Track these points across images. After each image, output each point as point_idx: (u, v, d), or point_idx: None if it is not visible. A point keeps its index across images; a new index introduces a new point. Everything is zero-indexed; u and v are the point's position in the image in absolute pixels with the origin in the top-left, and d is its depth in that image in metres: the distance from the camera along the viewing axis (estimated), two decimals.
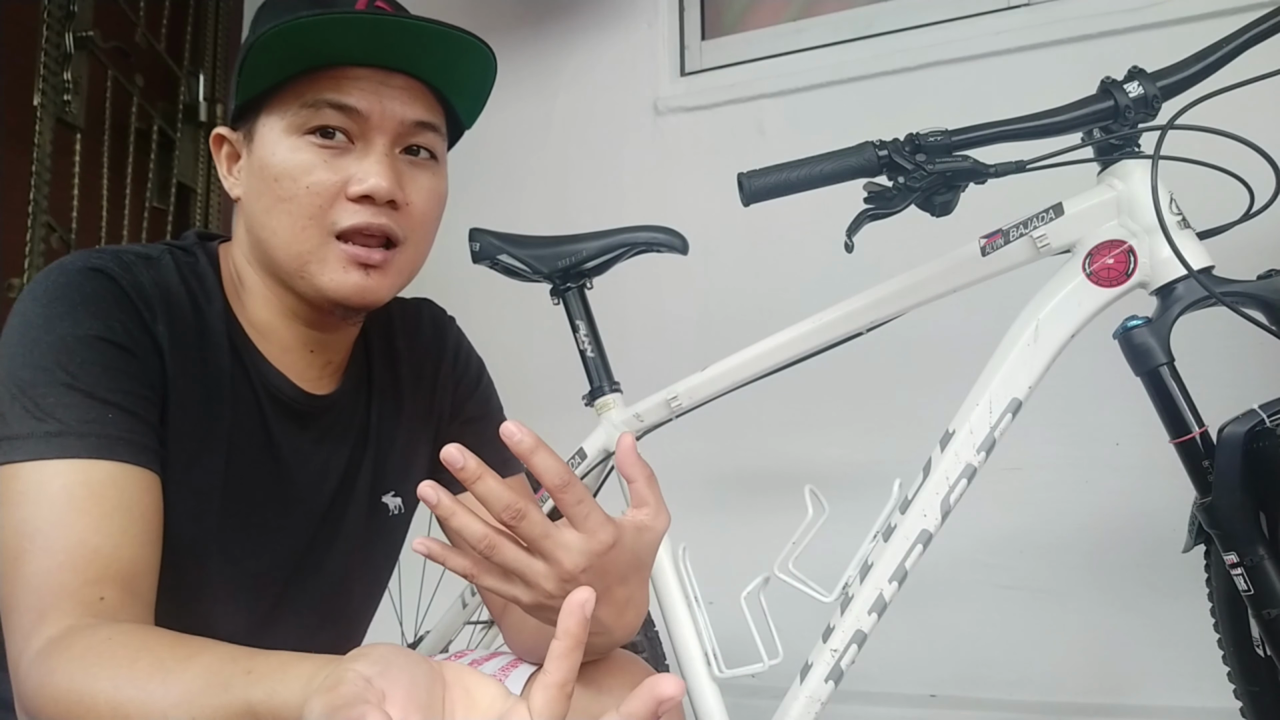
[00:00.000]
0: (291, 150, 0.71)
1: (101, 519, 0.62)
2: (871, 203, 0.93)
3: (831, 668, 0.98)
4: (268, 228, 0.72)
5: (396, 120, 0.72)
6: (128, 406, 0.66)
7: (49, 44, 1.82)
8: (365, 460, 0.85)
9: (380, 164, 0.71)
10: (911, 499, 0.99)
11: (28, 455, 0.62)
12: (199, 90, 2.38)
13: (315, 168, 0.70)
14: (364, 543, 0.86)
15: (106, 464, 0.63)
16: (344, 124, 0.71)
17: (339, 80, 0.71)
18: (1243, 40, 0.89)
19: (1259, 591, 0.83)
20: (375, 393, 0.86)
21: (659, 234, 1.27)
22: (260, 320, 0.77)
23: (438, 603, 1.45)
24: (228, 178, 0.78)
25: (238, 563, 0.75)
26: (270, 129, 0.72)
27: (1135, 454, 1.59)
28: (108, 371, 0.65)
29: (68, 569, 0.60)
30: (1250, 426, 0.83)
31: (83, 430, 0.63)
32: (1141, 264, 0.91)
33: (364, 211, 0.71)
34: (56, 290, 0.67)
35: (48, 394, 0.63)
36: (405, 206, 0.73)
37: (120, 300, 0.68)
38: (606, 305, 1.34)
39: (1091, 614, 1.63)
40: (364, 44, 0.70)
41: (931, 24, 1.90)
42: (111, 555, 0.62)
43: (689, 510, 1.40)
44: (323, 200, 0.70)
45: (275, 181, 0.71)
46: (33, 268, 1.79)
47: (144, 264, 0.71)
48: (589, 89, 2.13)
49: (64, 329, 0.65)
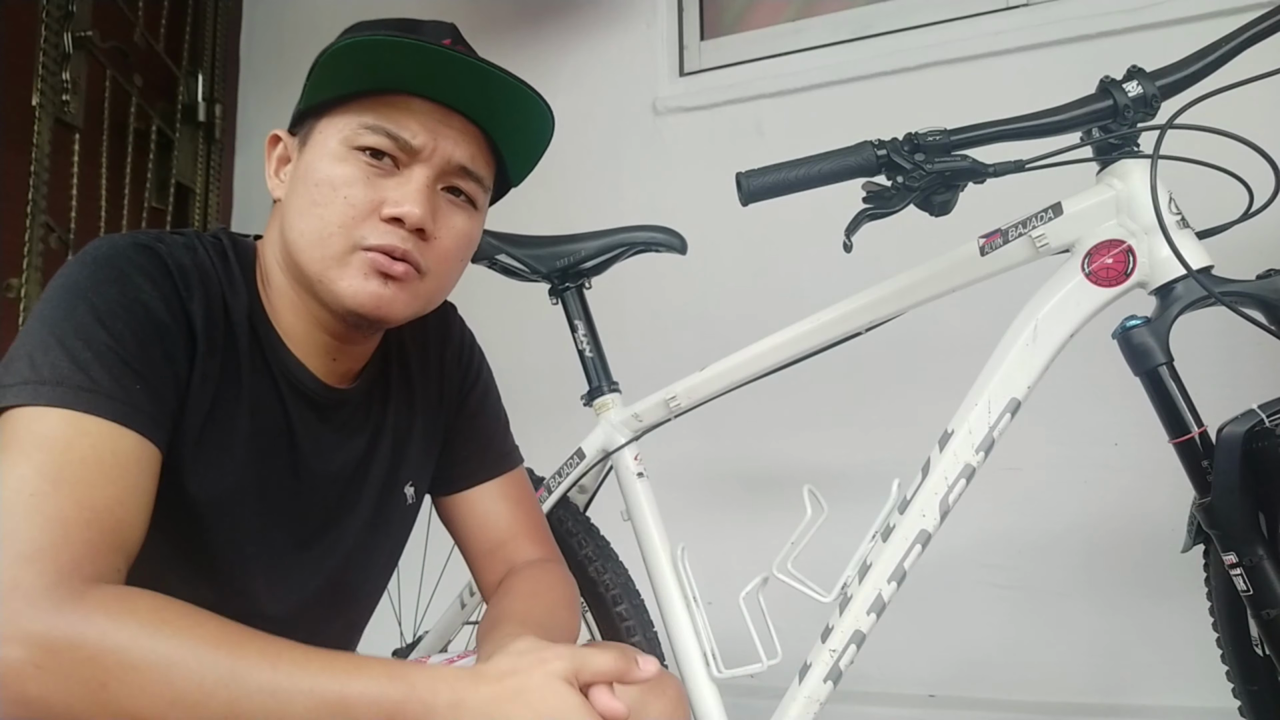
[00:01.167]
0: (338, 161, 0.73)
1: (125, 492, 0.63)
2: (870, 202, 0.92)
3: (830, 668, 0.98)
4: (296, 229, 0.74)
5: (445, 158, 0.75)
6: (154, 382, 0.67)
7: (47, 44, 1.82)
8: (380, 452, 0.87)
9: (419, 193, 0.73)
10: (910, 499, 0.99)
11: (58, 402, 0.62)
12: (197, 90, 2.38)
13: (356, 182, 0.72)
14: (377, 530, 0.88)
15: (130, 434, 0.64)
16: (394, 151, 0.73)
17: (401, 110, 0.73)
18: (1242, 40, 0.89)
19: (1258, 591, 0.83)
20: (391, 389, 0.88)
21: (658, 234, 1.27)
22: (286, 323, 0.79)
23: (436, 603, 1.45)
24: (273, 178, 0.80)
25: (249, 544, 0.77)
26: (325, 138, 0.74)
27: (1135, 454, 1.59)
28: (143, 343, 0.67)
29: (95, 528, 0.60)
30: (1249, 426, 0.83)
31: (113, 393, 0.64)
32: (1140, 263, 0.91)
33: (392, 234, 0.73)
34: (105, 259, 0.68)
35: (85, 349, 0.64)
36: (433, 240, 0.75)
37: (165, 276, 0.70)
38: (605, 305, 1.34)
39: (1091, 614, 1.63)
40: (432, 77, 0.72)
41: (931, 24, 1.90)
42: (129, 531, 0.63)
43: (688, 510, 1.40)
44: (356, 214, 0.72)
45: (315, 187, 0.73)
46: (31, 268, 1.79)
47: (184, 248, 0.74)
48: (588, 89, 2.13)
49: (111, 293, 0.67)
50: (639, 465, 1.23)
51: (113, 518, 0.61)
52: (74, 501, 0.59)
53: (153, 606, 0.58)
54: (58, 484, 0.59)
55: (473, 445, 0.95)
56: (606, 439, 1.25)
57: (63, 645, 0.55)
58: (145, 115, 2.18)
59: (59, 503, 0.59)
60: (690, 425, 1.26)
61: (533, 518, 0.96)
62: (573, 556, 1.28)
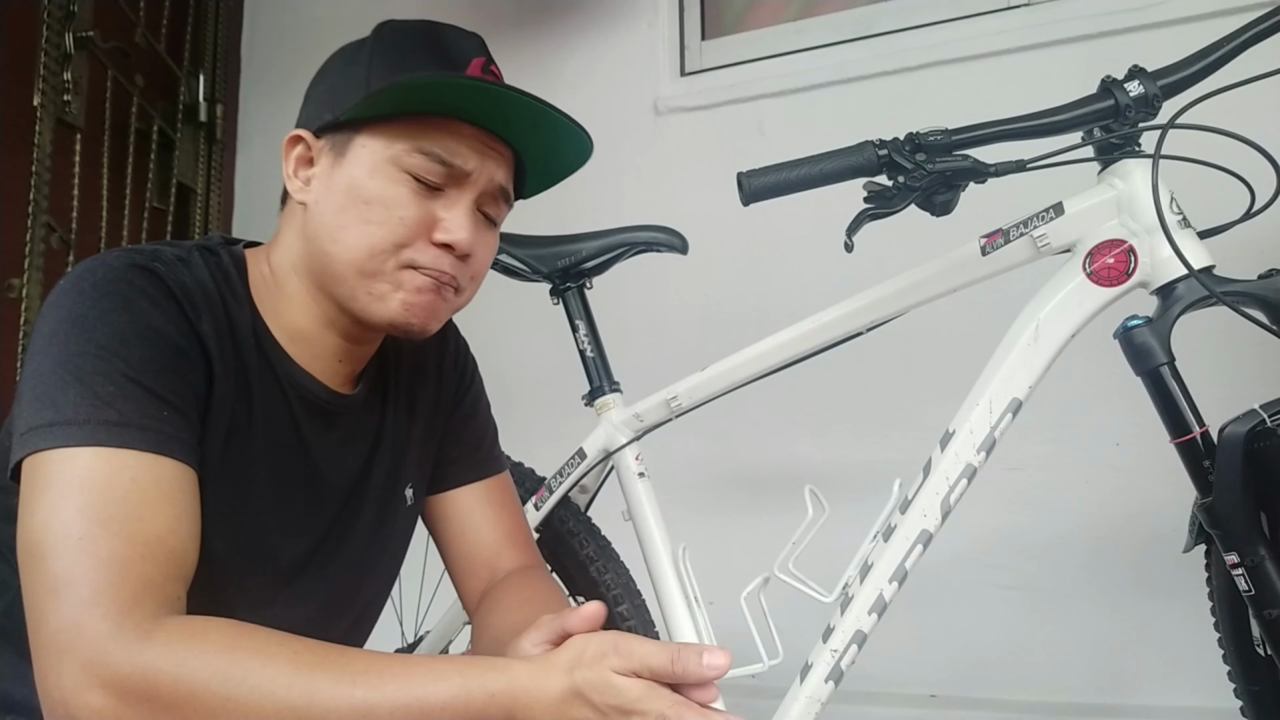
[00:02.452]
0: (390, 181, 0.73)
1: (175, 519, 0.63)
2: (871, 202, 0.92)
3: (831, 668, 0.98)
4: (341, 243, 0.74)
5: (489, 180, 0.77)
6: (180, 406, 0.66)
7: (49, 44, 1.82)
8: (381, 456, 0.87)
9: (467, 218, 0.75)
10: (912, 499, 0.99)
11: (89, 441, 0.61)
12: (199, 90, 2.38)
13: (409, 204, 0.73)
14: (379, 533, 0.88)
15: (168, 461, 0.64)
16: (444, 177, 0.74)
17: (452, 137, 0.74)
18: (1243, 40, 0.89)
19: (1260, 591, 0.83)
20: (390, 392, 0.89)
21: (659, 234, 1.27)
22: (293, 326, 0.78)
23: (438, 603, 1.45)
24: (293, 179, 0.78)
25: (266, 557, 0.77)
26: (370, 153, 0.74)
27: (1135, 454, 1.59)
28: (164, 369, 0.66)
29: (150, 561, 0.59)
30: (1251, 426, 0.83)
31: (143, 424, 0.63)
32: (1142, 263, 0.91)
33: (443, 258, 0.75)
34: (106, 285, 0.67)
35: (106, 383, 0.63)
36: (470, 259, 0.77)
37: (170, 298, 0.69)
38: (606, 305, 1.34)
39: (1091, 614, 1.63)
40: (482, 108, 0.74)
41: (931, 24, 1.90)
42: (184, 557, 0.63)
43: (689, 510, 1.40)
44: (408, 234, 0.74)
45: (366, 204, 0.73)
46: (32, 268, 1.79)
47: (181, 264, 0.73)
48: (589, 89, 2.13)
49: (120, 322, 0.65)
50: (640, 465, 1.23)
51: (165, 547, 0.61)
52: (124, 538, 0.59)
53: (223, 635, 0.58)
54: (105, 523, 0.59)
55: (461, 447, 0.96)
56: (608, 439, 1.25)
57: (139, 686, 0.55)
58: (147, 115, 2.18)
59: (110, 542, 0.58)
60: (692, 425, 1.26)
61: (517, 523, 0.96)
62: (574, 557, 1.29)
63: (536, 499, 1.32)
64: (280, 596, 0.79)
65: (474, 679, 0.60)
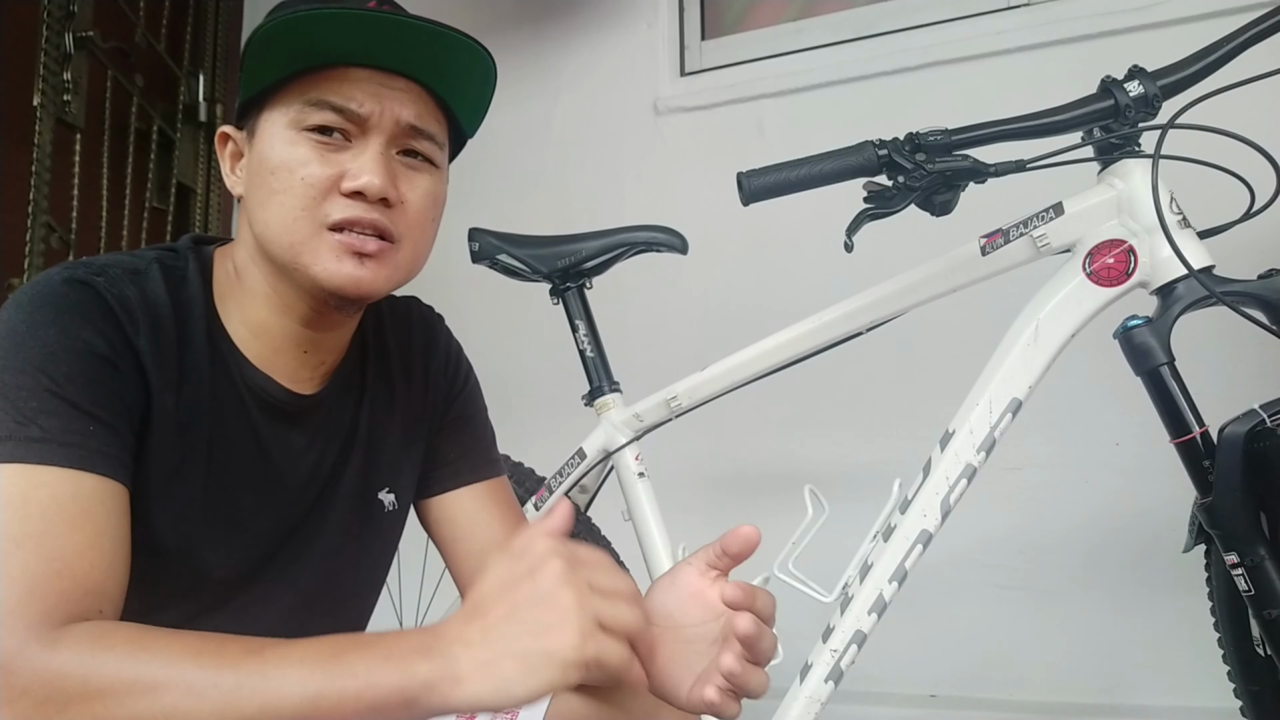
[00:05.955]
0: (289, 144, 0.72)
1: (95, 535, 0.62)
2: (871, 202, 0.93)
3: (831, 668, 0.98)
4: (262, 220, 0.73)
5: (394, 121, 0.73)
6: (108, 420, 0.65)
7: (49, 44, 1.82)
8: (354, 457, 0.85)
9: (375, 161, 0.72)
10: (911, 499, 0.99)
11: (9, 458, 0.61)
12: (199, 90, 2.38)
13: (311, 161, 0.71)
14: (354, 538, 0.86)
15: (90, 476, 0.63)
16: (343, 124, 0.72)
17: (341, 81, 0.72)
18: (1243, 40, 0.89)
19: (1259, 591, 0.83)
20: (367, 391, 0.87)
21: (659, 234, 1.27)
22: (256, 320, 0.77)
23: (438, 602, 1.45)
24: (230, 176, 0.79)
25: (221, 562, 0.76)
26: (271, 125, 0.73)
27: (1135, 454, 1.59)
28: (91, 383, 0.65)
29: (66, 577, 0.59)
30: (1251, 426, 0.83)
31: (65, 439, 0.62)
32: (1142, 263, 0.91)
33: (356, 206, 0.72)
34: (40, 300, 0.67)
35: (30, 399, 0.63)
36: (400, 205, 0.74)
37: (104, 312, 0.68)
38: (606, 305, 1.34)
39: (1091, 614, 1.63)
40: (365, 43, 0.71)
41: (931, 24, 1.90)
42: (106, 573, 0.62)
43: (689, 510, 1.40)
44: (316, 193, 0.71)
45: (271, 174, 0.72)
46: (33, 268, 1.79)
47: (129, 276, 0.72)
48: (589, 89, 2.13)
49: (49, 337, 0.65)
50: (640, 465, 1.23)
51: (85, 563, 0.60)
52: (39, 556, 0.59)
53: (128, 635, 0.58)
54: (20, 541, 0.59)
55: (457, 449, 0.94)
56: (607, 439, 1.25)
57: (49, 691, 0.55)
58: (146, 115, 2.18)
59: (23, 560, 0.58)
60: (691, 425, 1.26)
61: (520, 523, 0.94)
62: None
63: (536, 499, 1.32)
64: (237, 601, 0.78)
65: (394, 660, 0.57)
